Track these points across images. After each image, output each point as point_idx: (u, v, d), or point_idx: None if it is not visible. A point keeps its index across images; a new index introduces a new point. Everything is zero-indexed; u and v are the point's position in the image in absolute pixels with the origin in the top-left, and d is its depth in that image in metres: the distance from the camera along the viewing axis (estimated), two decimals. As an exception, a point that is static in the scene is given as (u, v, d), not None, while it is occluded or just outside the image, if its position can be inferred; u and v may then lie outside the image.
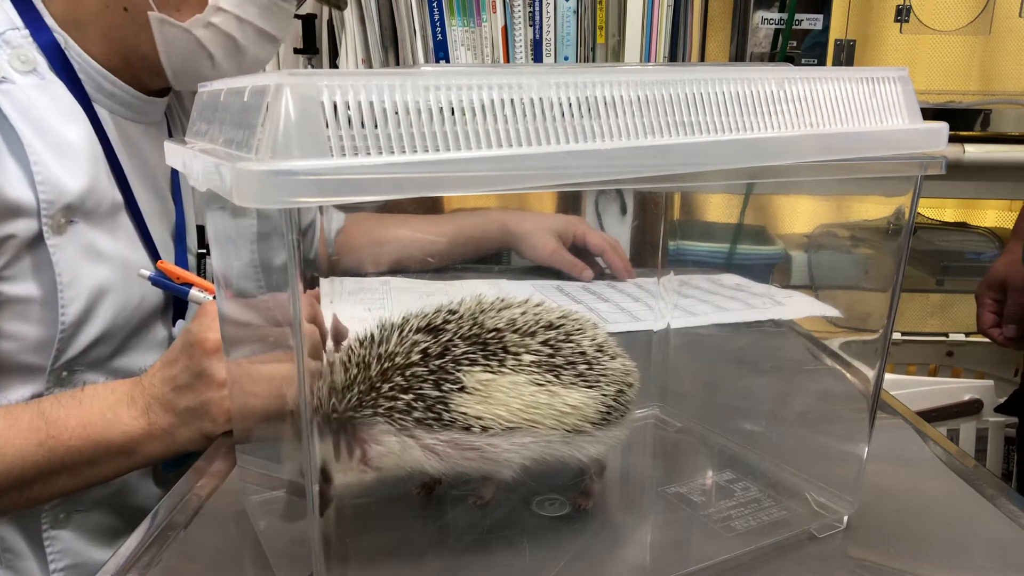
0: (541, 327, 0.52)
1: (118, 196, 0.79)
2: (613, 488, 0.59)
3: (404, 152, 0.35)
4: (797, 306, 0.70)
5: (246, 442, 0.59)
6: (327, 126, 0.33)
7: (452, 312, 0.51)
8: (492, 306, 0.52)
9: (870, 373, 0.57)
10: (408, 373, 0.48)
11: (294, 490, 0.50)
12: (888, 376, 1.45)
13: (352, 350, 0.49)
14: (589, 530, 0.54)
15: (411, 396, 0.47)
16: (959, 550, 0.54)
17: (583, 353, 0.52)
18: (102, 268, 0.76)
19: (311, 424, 0.40)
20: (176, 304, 0.85)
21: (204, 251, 0.90)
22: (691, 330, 0.72)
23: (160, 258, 0.83)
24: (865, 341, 0.59)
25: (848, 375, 0.60)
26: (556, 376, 0.50)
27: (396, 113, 0.35)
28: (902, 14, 1.82)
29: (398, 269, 0.81)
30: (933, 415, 1.50)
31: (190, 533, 0.55)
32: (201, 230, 0.91)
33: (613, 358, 0.54)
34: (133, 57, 0.81)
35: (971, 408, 1.53)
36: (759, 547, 0.53)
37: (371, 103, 0.34)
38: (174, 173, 0.89)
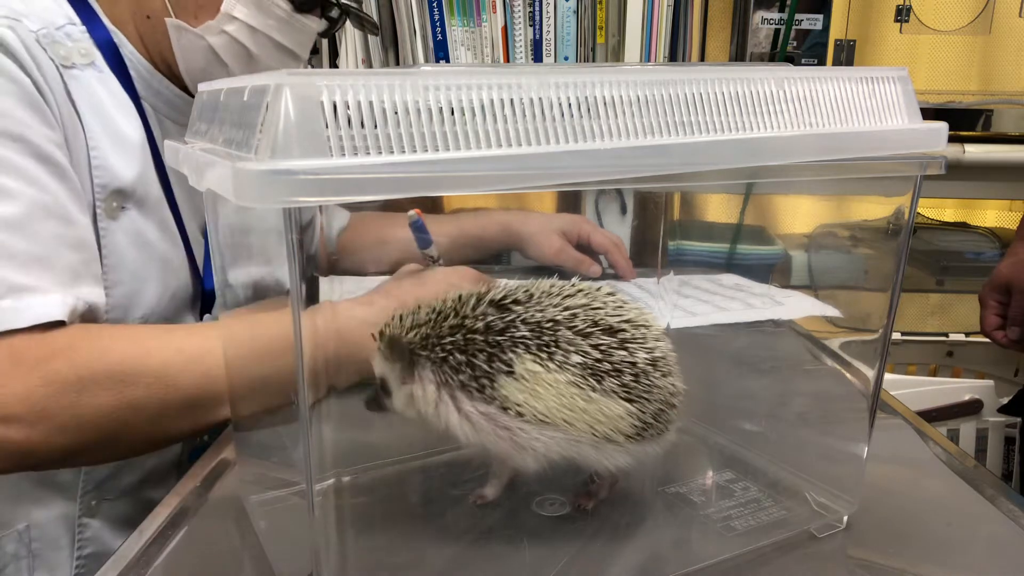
0: (599, 329, 0.51)
1: (161, 193, 0.81)
2: (613, 488, 0.59)
3: (404, 152, 0.35)
4: (797, 306, 0.70)
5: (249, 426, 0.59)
6: (327, 126, 0.33)
7: (526, 291, 0.52)
8: (560, 291, 0.53)
9: (870, 373, 0.56)
10: (468, 337, 0.50)
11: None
12: (888, 376, 1.45)
13: (446, 301, 0.52)
14: (589, 530, 0.54)
15: (464, 359, 0.49)
16: (959, 550, 0.54)
17: (633, 364, 0.51)
18: (145, 257, 0.79)
19: (310, 421, 0.40)
20: (204, 299, 0.87)
21: None
22: (691, 330, 0.72)
23: (192, 253, 0.85)
24: (865, 341, 0.59)
25: (848, 375, 0.60)
26: (598, 382, 0.50)
27: (396, 113, 0.35)
28: (902, 14, 1.82)
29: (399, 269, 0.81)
30: (933, 415, 1.50)
31: (190, 533, 0.55)
32: None
33: (665, 375, 0.52)
34: (161, 63, 0.83)
35: (971, 408, 1.53)
36: (759, 547, 0.53)
37: (371, 103, 0.34)
38: None
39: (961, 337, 1.74)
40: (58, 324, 0.65)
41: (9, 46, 0.68)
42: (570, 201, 1.08)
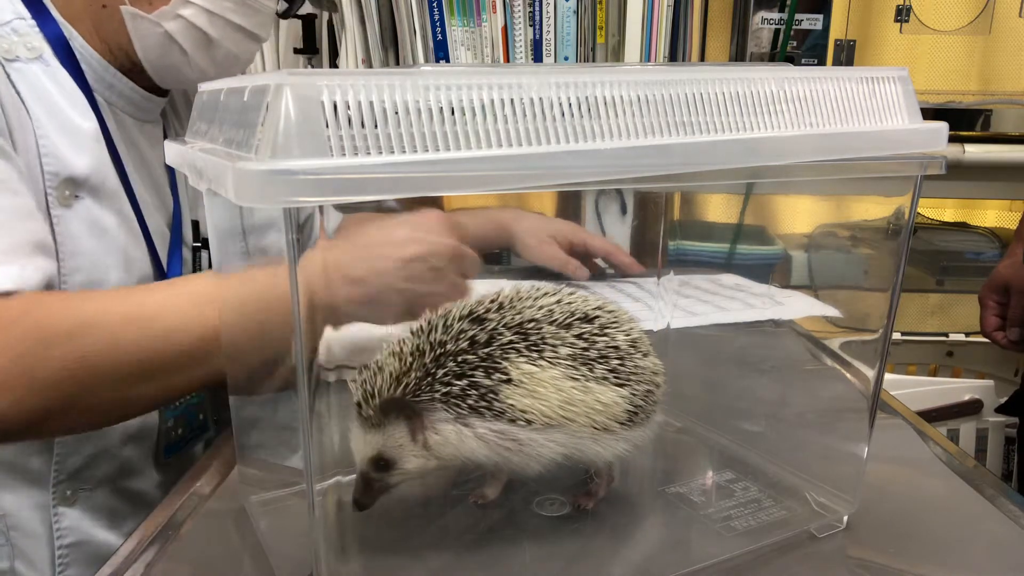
0: (576, 319, 0.52)
1: (119, 184, 0.80)
2: (613, 488, 0.59)
3: (404, 152, 0.35)
4: (797, 306, 0.70)
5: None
6: (327, 126, 0.33)
7: (492, 301, 0.52)
8: (529, 295, 0.53)
9: (870, 373, 0.56)
10: (460, 359, 0.49)
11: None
12: (888, 376, 1.45)
13: (405, 341, 0.50)
14: (589, 530, 0.54)
15: (465, 383, 0.48)
16: (959, 550, 0.54)
17: (616, 348, 0.52)
18: (104, 247, 0.78)
19: (309, 423, 0.40)
20: None
21: (198, 244, 0.90)
22: (691, 330, 0.72)
23: (155, 248, 0.84)
24: (865, 341, 0.59)
25: (848, 375, 0.60)
26: (590, 369, 0.51)
27: (396, 113, 0.35)
28: (902, 14, 1.82)
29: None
30: (933, 415, 1.50)
31: (190, 533, 0.55)
32: (196, 224, 0.92)
33: (645, 355, 0.54)
34: (119, 53, 0.82)
35: (971, 408, 1.53)
36: (759, 547, 0.53)
37: (371, 103, 0.34)
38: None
39: (961, 337, 1.74)
40: (14, 293, 0.64)
41: None
42: (570, 201, 1.08)
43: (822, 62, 1.64)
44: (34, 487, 0.77)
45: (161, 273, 0.85)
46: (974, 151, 1.54)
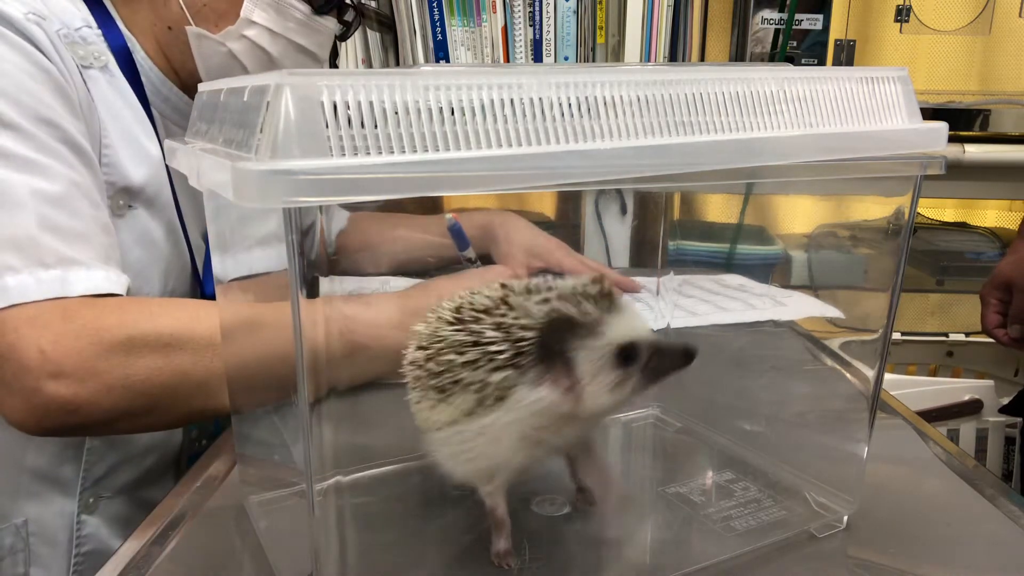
0: None
1: (170, 196, 0.83)
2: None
3: (404, 152, 0.35)
4: (798, 306, 0.70)
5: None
6: (327, 126, 0.33)
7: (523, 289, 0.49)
8: (534, 287, 0.50)
9: (870, 373, 0.56)
10: None
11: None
12: (888, 376, 1.45)
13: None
14: (589, 530, 0.54)
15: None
16: (959, 550, 0.54)
17: None
18: (149, 257, 0.80)
19: (310, 421, 0.40)
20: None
21: None
22: (691, 330, 0.72)
23: (194, 257, 0.86)
24: (865, 341, 0.59)
25: (848, 375, 0.60)
26: None
27: (396, 113, 0.35)
28: (902, 14, 1.82)
29: (398, 269, 0.81)
30: (933, 415, 1.50)
31: (190, 533, 0.55)
32: None
33: None
34: (182, 72, 0.85)
35: (971, 408, 1.53)
36: (759, 547, 0.53)
37: (371, 103, 0.34)
38: None
39: (961, 337, 1.74)
40: (106, 295, 0.66)
41: (39, 42, 0.70)
42: (570, 201, 1.08)
43: (822, 62, 1.64)
44: (61, 495, 0.78)
45: (198, 282, 0.86)
46: (974, 151, 1.54)
